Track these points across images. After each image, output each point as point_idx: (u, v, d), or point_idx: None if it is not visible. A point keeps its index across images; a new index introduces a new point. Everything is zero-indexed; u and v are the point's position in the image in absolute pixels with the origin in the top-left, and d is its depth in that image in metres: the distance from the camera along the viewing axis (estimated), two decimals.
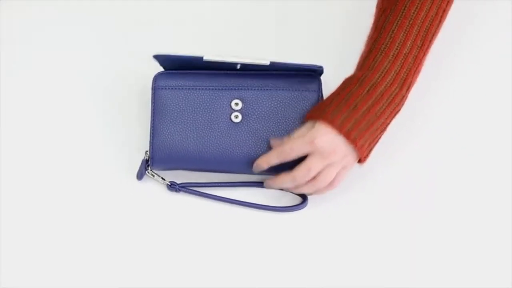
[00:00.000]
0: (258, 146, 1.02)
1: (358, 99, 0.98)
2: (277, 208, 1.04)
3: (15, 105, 1.10)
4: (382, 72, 0.99)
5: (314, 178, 1.00)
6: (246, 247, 1.03)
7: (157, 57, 1.02)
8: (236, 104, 1.02)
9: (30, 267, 1.00)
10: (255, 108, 1.02)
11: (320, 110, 1.00)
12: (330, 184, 1.01)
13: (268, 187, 1.04)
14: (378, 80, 0.98)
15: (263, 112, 1.02)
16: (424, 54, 1.01)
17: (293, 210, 1.04)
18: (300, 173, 0.99)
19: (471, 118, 1.10)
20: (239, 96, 1.03)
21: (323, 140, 0.98)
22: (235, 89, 1.03)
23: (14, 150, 1.07)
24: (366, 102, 0.98)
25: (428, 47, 1.01)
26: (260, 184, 1.06)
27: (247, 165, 1.03)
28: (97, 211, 1.04)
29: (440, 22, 1.02)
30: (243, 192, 1.05)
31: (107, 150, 1.08)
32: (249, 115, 1.02)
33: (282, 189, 1.05)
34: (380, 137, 1.01)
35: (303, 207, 1.04)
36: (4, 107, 1.10)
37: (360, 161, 1.01)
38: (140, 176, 1.05)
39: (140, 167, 1.05)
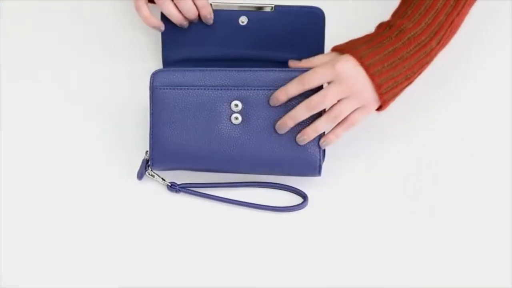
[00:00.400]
0: (259, 147, 1.02)
1: (386, 40, 0.98)
2: (277, 208, 1.04)
3: (16, 107, 1.10)
4: (413, 21, 0.99)
5: (330, 110, 0.99)
6: (246, 247, 1.02)
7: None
8: (236, 105, 1.02)
9: (30, 267, 1.00)
10: (255, 109, 1.02)
11: (346, 44, 1.00)
12: (346, 123, 0.99)
13: (283, 124, 1.00)
14: (407, 27, 0.99)
15: (263, 113, 1.02)
16: (458, 14, 1.01)
17: (293, 210, 1.04)
18: (315, 97, 0.98)
19: (471, 118, 1.10)
20: (239, 97, 1.02)
21: (345, 65, 0.97)
22: (235, 88, 1.03)
23: (16, 151, 1.07)
24: (393, 44, 0.98)
25: (463, 7, 1.01)
26: (261, 184, 1.06)
27: (248, 165, 1.03)
28: (98, 211, 1.04)
29: None
30: (243, 192, 1.05)
31: (107, 150, 1.08)
32: (249, 116, 1.02)
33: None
34: (403, 87, 1.00)
35: (303, 207, 1.04)
36: (5, 109, 1.10)
37: (379, 107, 1.01)
38: (140, 176, 1.05)
39: (140, 167, 1.05)
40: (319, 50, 1.09)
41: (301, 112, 0.99)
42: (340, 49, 1.01)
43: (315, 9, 1.08)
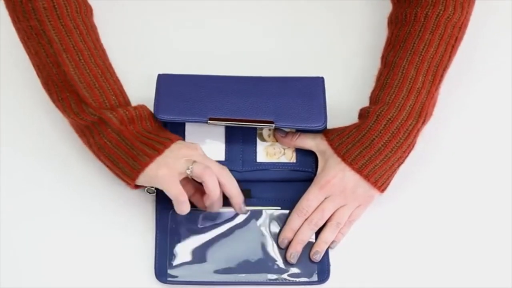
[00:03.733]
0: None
1: (375, 135, 0.99)
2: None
3: (16, 107, 1.10)
4: (398, 107, 1.00)
5: (331, 219, 1.01)
6: None
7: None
8: None
9: (30, 267, 1.00)
10: None
11: (337, 139, 1.01)
12: (348, 222, 1.02)
13: (293, 252, 1.00)
14: (394, 115, 1.00)
15: None
16: (437, 88, 1.03)
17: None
18: (315, 216, 1.01)
19: (470, 119, 1.11)
20: None
21: (333, 183, 1.00)
22: None
23: (18, 153, 1.07)
24: (383, 138, 0.99)
25: (440, 81, 1.03)
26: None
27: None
28: (99, 212, 1.04)
29: (450, 57, 1.04)
30: None
31: None
32: None
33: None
34: (397, 171, 1.02)
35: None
36: (5, 109, 1.09)
37: (380, 191, 1.02)
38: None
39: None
40: (321, 114, 1.03)
41: (306, 233, 1.01)
42: (330, 142, 1.02)
43: (315, 78, 1.05)
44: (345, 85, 1.12)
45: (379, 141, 0.99)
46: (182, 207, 0.97)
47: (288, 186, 1.04)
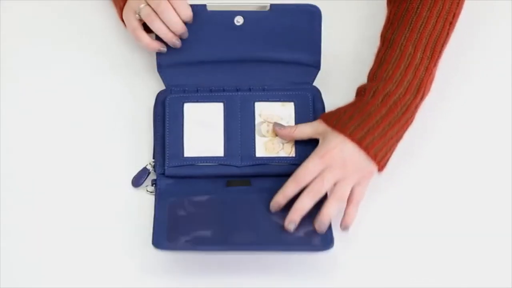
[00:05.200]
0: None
1: (372, 108, 1.00)
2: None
3: (16, 107, 1.10)
4: (395, 83, 1.01)
5: (333, 193, 1.00)
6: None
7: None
8: None
9: (30, 267, 1.00)
10: None
11: (334, 117, 1.01)
12: (354, 201, 1.01)
13: (291, 221, 0.99)
14: (391, 90, 1.00)
15: None
16: (435, 65, 1.03)
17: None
18: (315, 185, 0.99)
19: (470, 119, 1.10)
20: None
21: (333, 153, 0.99)
22: None
23: (16, 154, 1.07)
24: (380, 111, 1.00)
25: (438, 57, 1.03)
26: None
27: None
28: (101, 215, 1.04)
29: (448, 33, 1.04)
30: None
31: (113, 158, 1.07)
32: None
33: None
34: (395, 147, 1.02)
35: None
36: (5, 110, 1.09)
37: (378, 169, 1.01)
38: (136, 183, 1.05)
39: (139, 175, 1.05)
40: (316, 48, 1.08)
41: (307, 202, 0.99)
42: (327, 121, 1.02)
43: (311, 7, 1.07)
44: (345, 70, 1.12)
45: (376, 114, 0.99)
46: (140, 41, 1.06)
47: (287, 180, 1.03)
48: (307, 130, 1.04)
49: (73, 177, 1.05)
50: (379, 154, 1.00)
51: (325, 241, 0.98)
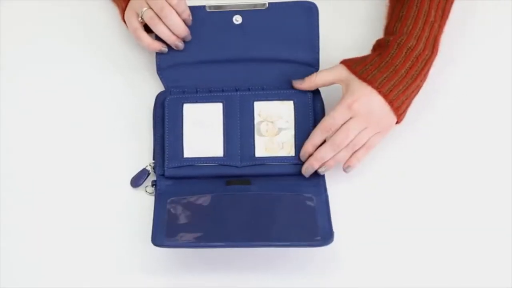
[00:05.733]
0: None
1: (398, 61, 1.02)
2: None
3: (16, 108, 1.10)
4: (415, 37, 1.04)
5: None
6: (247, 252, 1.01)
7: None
8: None
9: (30, 267, 1.01)
10: None
11: (361, 66, 1.03)
12: (365, 146, 1.03)
13: (309, 167, 1.02)
14: (413, 44, 1.03)
15: None
16: (445, 24, 1.07)
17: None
18: (339, 137, 1.01)
19: (470, 118, 1.10)
20: None
21: (361, 103, 1.01)
22: None
23: (16, 154, 1.07)
24: (404, 65, 1.02)
25: (447, 17, 1.07)
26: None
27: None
28: (100, 215, 1.04)
29: None
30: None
31: (113, 158, 1.07)
32: None
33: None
34: (413, 99, 1.04)
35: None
36: (5, 110, 1.10)
37: (396, 122, 1.04)
38: (135, 183, 1.05)
39: (138, 175, 1.05)
40: (314, 44, 1.08)
41: (328, 152, 1.02)
42: (352, 69, 1.03)
43: (308, 3, 1.07)
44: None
45: (401, 67, 1.02)
46: (141, 42, 1.07)
47: (288, 179, 1.04)
48: (329, 77, 1.05)
49: (73, 177, 1.06)
50: (401, 107, 1.02)
51: (325, 236, 0.97)
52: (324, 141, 1.03)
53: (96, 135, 1.08)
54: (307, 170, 1.02)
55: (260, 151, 1.05)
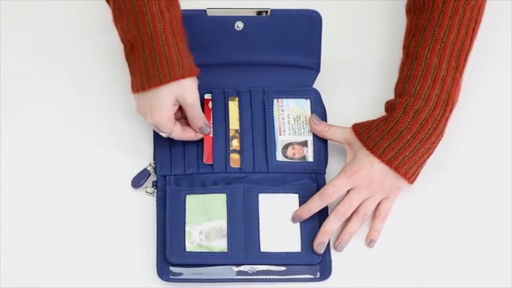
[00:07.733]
0: None
1: (403, 126, 0.99)
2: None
3: (16, 108, 1.10)
4: (424, 98, 1.00)
5: (356, 211, 1.01)
6: None
7: None
8: None
9: (30, 267, 1.01)
10: None
11: (366, 132, 1.01)
12: (381, 216, 1.02)
13: (320, 243, 1.00)
14: (421, 107, 0.99)
15: None
16: (461, 74, 1.02)
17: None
18: (342, 207, 1.01)
19: (471, 119, 1.10)
20: None
21: (360, 175, 1.00)
22: None
23: (21, 156, 1.08)
24: (411, 130, 0.99)
25: (464, 66, 1.02)
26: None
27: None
28: (100, 215, 1.04)
29: (471, 40, 1.03)
30: None
31: (113, 159, 1.07)
32: None
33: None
34: (426, 161, 1.02)
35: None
36: (5, 110, 1.10)
37: (408, 183, 1.02)
38: (136, 184, 1.05)
39: (139, 176, 1.05)
40: (316, 51, 1.07)
41: (333, 224, 1.01)
42: (358, 134, 1.02)
43: (312, 12, 1.05)
44: (367, 78, 1.13)
45: (407, 133, 0.99)
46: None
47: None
48: (338, 135, 1.05)
49: (74, 177, 1.06)
50: (410, 171, 1.00)
51: (324, 272, 1.00)
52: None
53: (96, 135, 1.09)
54: (318, 247, 1.00)
55: (265, 245, 1.01)
